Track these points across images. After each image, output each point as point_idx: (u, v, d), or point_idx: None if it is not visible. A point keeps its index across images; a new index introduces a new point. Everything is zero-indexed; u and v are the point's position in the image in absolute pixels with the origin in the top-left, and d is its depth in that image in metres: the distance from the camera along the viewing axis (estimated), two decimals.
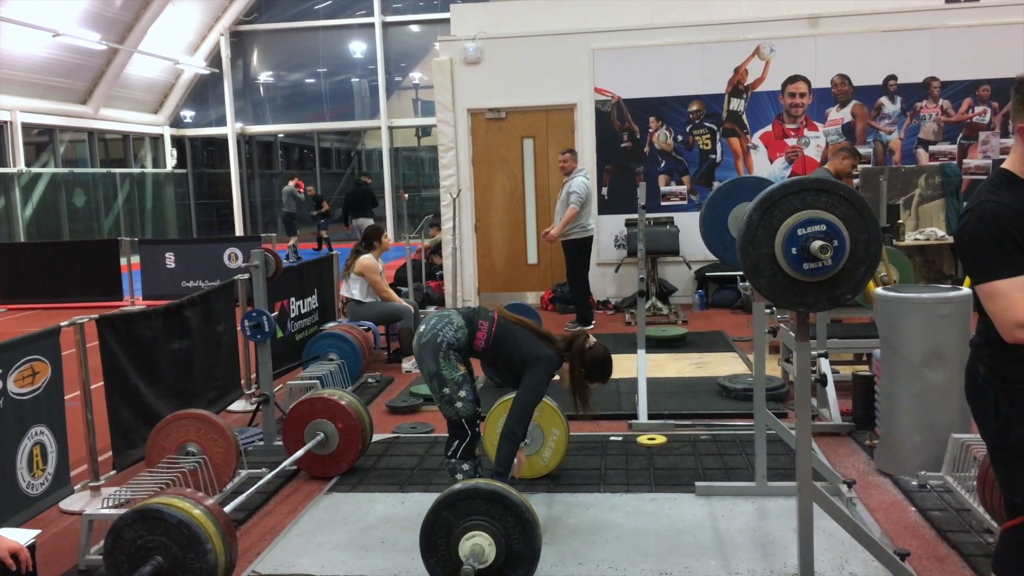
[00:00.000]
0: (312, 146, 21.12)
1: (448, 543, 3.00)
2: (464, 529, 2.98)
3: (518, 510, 2.99)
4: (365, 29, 19.43)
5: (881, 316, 4.18)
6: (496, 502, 2.99)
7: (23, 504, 3.60)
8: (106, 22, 16.40)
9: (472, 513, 2.99)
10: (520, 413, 3.54)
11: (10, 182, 15.74)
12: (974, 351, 2.30)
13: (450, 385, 3.57)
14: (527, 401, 3.57)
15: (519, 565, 2.99)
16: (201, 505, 3.05)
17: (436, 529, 3.02)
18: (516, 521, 2.98)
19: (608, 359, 3.74)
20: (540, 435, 4.19)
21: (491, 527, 2.97)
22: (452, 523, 3.00)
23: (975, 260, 2.16)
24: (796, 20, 9.13)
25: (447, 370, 3.57)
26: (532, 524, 3.00)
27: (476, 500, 3.00)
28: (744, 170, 9.29)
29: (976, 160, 9.05)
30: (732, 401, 5.41)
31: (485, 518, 2.98)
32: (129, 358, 4.44)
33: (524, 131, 9.62)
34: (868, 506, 3.77)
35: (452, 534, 2.99)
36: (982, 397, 2.25)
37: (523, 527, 2.99)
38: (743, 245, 2.67)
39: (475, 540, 2.97)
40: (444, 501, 3.03)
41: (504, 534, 2.97)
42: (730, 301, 9.10)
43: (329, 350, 6.18)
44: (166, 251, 11.29)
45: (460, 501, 3.01)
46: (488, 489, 3.01)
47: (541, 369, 3.60)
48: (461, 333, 3.63)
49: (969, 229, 2.17)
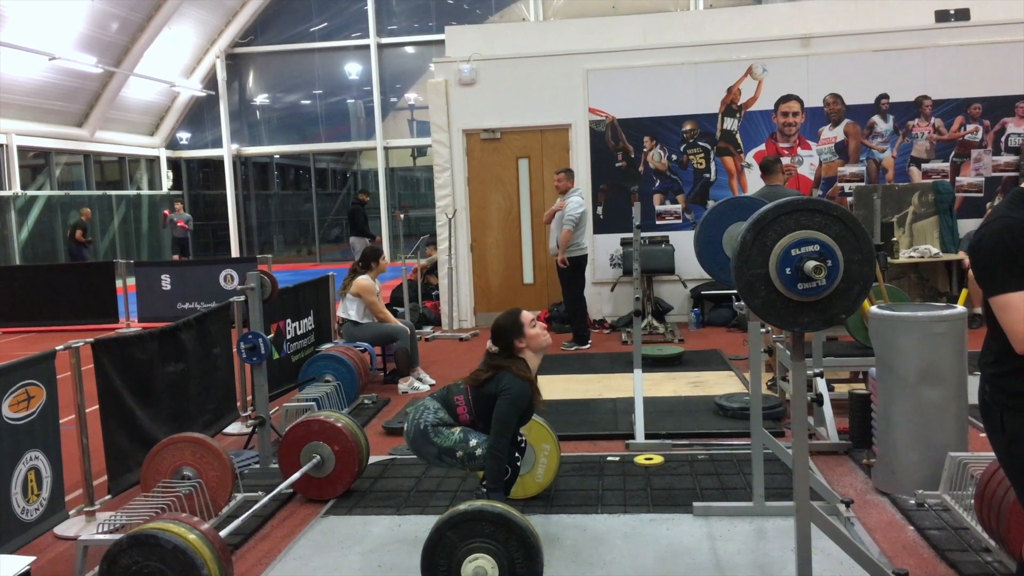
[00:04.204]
0: (308, 167, 21.18)
1: (450, 564, 2.96)
2: (467, 551, 2.95)
3: (524, 534, 2.96)
4: (360, 51, 19.55)
5: (876, 334, 4.19)
6: (502, 525, 2.95)
7: (18, 530, 3.57)
8: (102, 45, 16.49)
9: (477, 535, 2.96)
10: (498, 427, 3.48)
11: (6, 205, 15.74)
12: (983, 370, 2.32)
13: (459, 447, 3.53)
14: (502, 412, 3.49)
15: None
16: (196, 530, 3.04)
17: (439, 549, 2.98)
18: (520, 546, 2.95)
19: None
20: (531, 453, 4.17)
21: (495, 550, 2.94)
22: (455, 544, 2.97)
23: (989, 272, 2.18)
24: (788, 40, 9.20)
25: (444, 441, 3.55)
26: (536, 550, 2.97)
27: (482, 522, 2.96)
28: (738, 189, 9.34)
29: (969, 178, 9.09)
30: (729, 420, 5.41)
31: (490, 541, 2.95)
32: (124, 381, 4.43)
33: (519, 151, 9.66)
34: (866, 526, 3.76)
35: (455, 555, 2.96)
36: (989, 415, 2.28)
37: (527, 552, 2.95)
38: (737, 265, 2.67)
39: (478, 563, 2.93)
40: (449, 521, 2.99)
41: (508, 558, 2.94)
42: (726, 319, 9.11)
43: (325, 371, 6.16)
44: (162, 273, 11.28)
45: (465, 522, 2.98)
46: (494, 512, 2.98)
47: (509, 394, 3.52)
48: (441, 414, 3.62)
49: (985, 243, 2.19)
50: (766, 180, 6.89)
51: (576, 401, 6.12)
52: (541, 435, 4.20)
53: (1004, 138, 9.03)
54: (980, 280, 2.22)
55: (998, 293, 2.15)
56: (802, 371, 2.96)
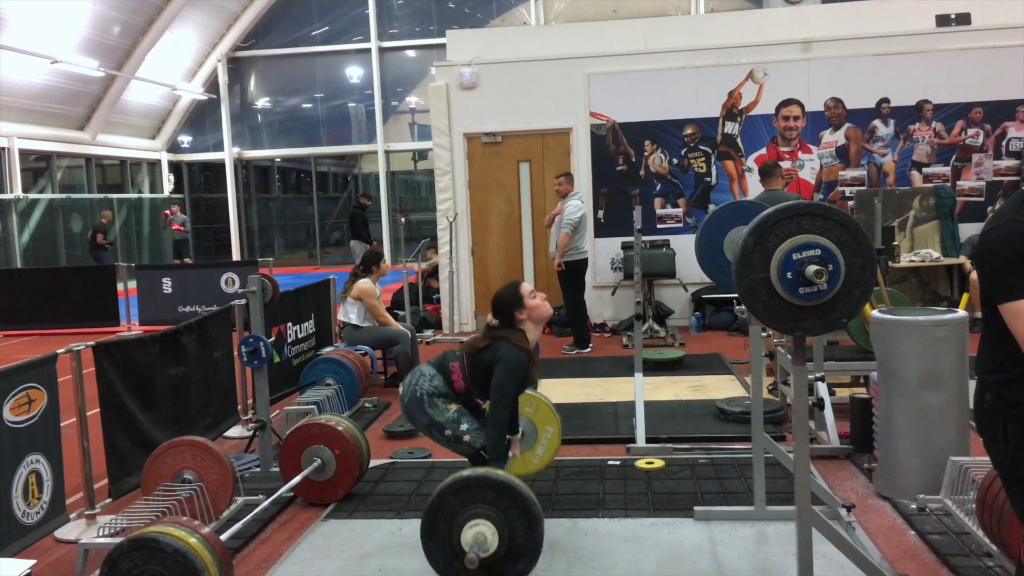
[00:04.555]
0: (309, 170, 21.20)
1: (451, 529, 2.95)
2: (468, 516, 2.93)
3: (526, 504, 2.94)
4: (362, 54, 19.58)
5: (878, 338, 4.18)
6: (504, 493, 2.94)
7: (18, 533, 3.57)
8: (104, 49, 16.51)
9: (479, 501, 2.95)
10: (497, 395, 3.49)
11: (7, 208, 15.76)
12: (981, 378, 2.25)
13: (448, 426, 3.56)
14: (500, 382, 3.50)
15: (519, 558, 2.95)
16: (197, 534, 3.03)
17: (440, 514, 2.97)
18: (522, 514, 2.94)
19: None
20: (533, 432, 4.19)
21: (496, 517, 2.92)
22: (457, 509, 2.95)
23: (1000, 279, 2.11)
24: (789, 44, 9.21)
25: (438, 415, 3.58)
26: (537, 520, 2.96)
27: (485, 489, 2.95)
28: (739, 193, 9.34)
29: (970, 182, 9.10)
30: (730, 424, 5.40)
31: (491, 508, 2.94)
32: (125, 385, 4.42)
33: (520, 155, 9.66)
34: (867, 530, 3.76)
35: (456, 520, 2.94)
36: (990, 424, 2.22)
37: (528, 521, 2.94)
38: (739, 269, 2.68)
39: (478, 529, 2.92)
40: (452, 486, 2.99)
41: (508, 526, 2.92)
42: (727, 323, 9.11)
43: (326, 375, 6.17)
44: (163, 276, 11.28)
45: (468, 488, 2.97)
46: (497, 479, 2.97)
47: (506, 363, 3.53)
48: (437, 380, 3.63)
49: (995, 248, 2.12)
50: (765, 184, 6.93)
51: (577, 405, 6.12)
52: (547, 417, 4.22)
53: (1005, 142, 9.03)
54: (989, 286, 2.15)
55: (1010, 300, 2.08)
56: (803, 375, 2.96)
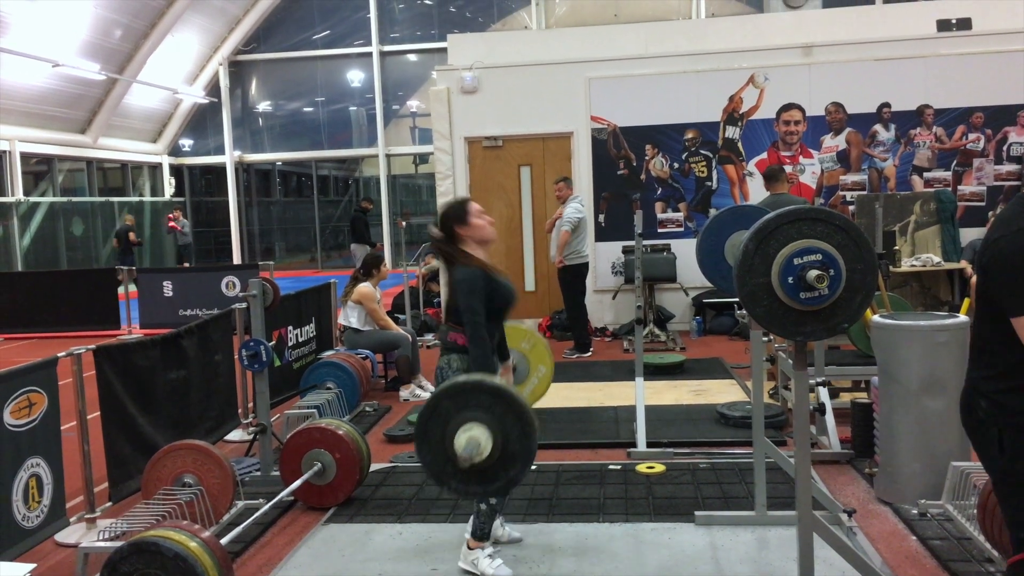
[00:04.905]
0: (310, 174, 21.21)
1: (444, 432, 2.92)
2: (462, 420, 2.91)
3: (520, 410, 2.92)
4: (363, 58, 19.61)
5: (878, 343, 4.18)
6: (500, 398, 2.92)
7: (18, 537, 3.57)
8: (106, 52, 16.54)
9: (473, 406, 2.92)
10: (467, 316, 3.39)
11: (8, 211, 15.77)
12: (974, 385, 2.23)
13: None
14: (463, 304, 3.41)
15: (512, 465, 2.93)
16: (197, 538, 3.03)
17: (434, 417, 2.94)
18: (516, 421, 2.91)
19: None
20: (526, 368, 4.18)
21: (490, 422, 2.90)
22: (451, 413, 2.92)
23: (1013, 289, 2.05)
24: (790, 49, 9.21)
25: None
26: (531, 426, 2.93)
27: (480, 393, 2.93)
28: (740, 197, 9.34)
29: (971, 187, 9.10)
30: (731, 429, 5.40)
31: (486, 412, 2.91)
32: (126, 388, 4.43)
33: (521, 159, 9.67)
34: (869, 535, 3.75)
35: (449, 424, 2.91)
36: (984, 432, 2.20)
37: (523, 427, 2.92)
38: (740, 274, 2.68)
39: (472, 433, 2.89)
40: (447, 391, 2.96)
41: (502, 431, 2.90)
42: (728, 327, 9.11)
43: (327, 379, 6.17)
44: (164, 280, 11.28)
45: (463, 392, 2.94)
46: (494, 384, 2.95)
47: (461, 285, 3.45)
48: (455, 362, 3.50)
49: (1008, 258, 2.06)
50: (770, 189, 6.91)
51: (577, 409, 6.12)
52: (542, 356, 4.24)
53: (1006, 147, 9.03)
54: (1001, 296, 2.09)
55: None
56: (804, 380, 2.95)
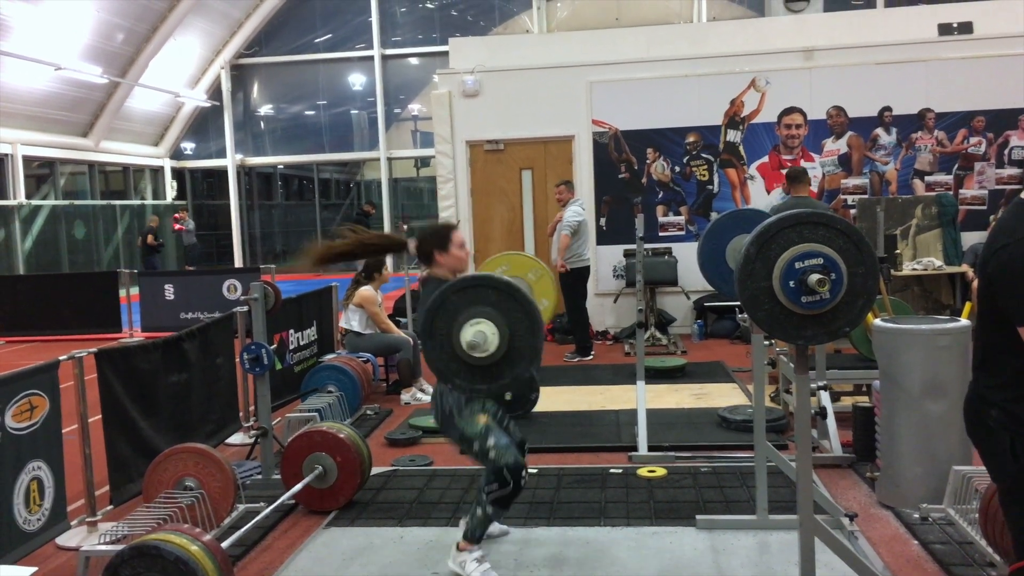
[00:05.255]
0: (312, 177, 21.23)
1: (451, 328, 2.94)
2: (470, 315, 2.93)
3: (528, 307, 2.95)
4: (364, 62, 19.62)
5: (880, 347, 4.18)
6: (507, 295, 2.95)
7: (19, 540, 3.58)
8: (108, 56, 16.56)
9: (481, 302, 2.95)
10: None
11: (10, 214, 15.79)
12: (982, 393, 2.20)
13: (477, 440, 3.42)
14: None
15: (518, 362, 2.96)
16: (198, 541, 3.03)
17: (441, 312, 2.96)
18: (524, 317, 2.94)
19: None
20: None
21: (497, 318, 2.92)
22: (459, 308, 2.94)
23: (1021, 298, 2.02)
24: (791, 53, 9.22)
25: (468, 428, 3.44)
26: (539, 324, 2.97)
27: (488, 289, 2.96)
28: (741, 201, 9.34)
29: (972, 190, 9.09)
30: (732, 432, 5.39)
31: (493, 308, 2.93)
32: (127, 391, 4.43)
33: (522, 163, 9.67)
34: (870, 539, 3.75)
35: (457, 319, 2.93)
36: (995, 440, 2.16)
37: (530, 324, 2.95)
38: (741, 278, 2.68)
39: (479, 328, 2.91)
40: (455, 285, 2.99)
41: (509, 327, 2.92)
42: (729, 331, 9.10)
43: (328, 382, 6.16)
44: (165, 283, 11.29)
45: (472, 288, 2.97)
46: (501, 280, 2.98)
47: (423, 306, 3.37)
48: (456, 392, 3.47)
49: (1014, 265, 2.03)
50: (793, 191, 6.81)
51: (579, 413, 6.11)
52: (546, 290, 4.27)
53: (1007, 151, 9.03)
54: (1007, 303, 2.06)
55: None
56: (806, 384, 2.95)
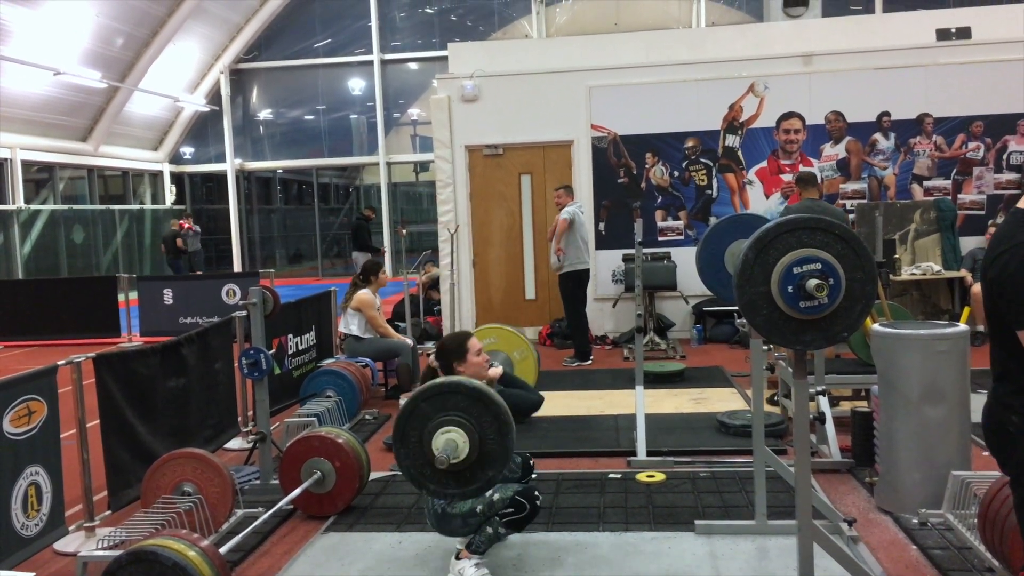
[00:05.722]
0: (311, 181, 21.24)
1: (422, 435, 2.98)
2: (440, 423, 2.97)
3: (497, 410, 2.99)
4: (364, 67, 19.64)
5: (879, 352, 4.18)
6: (476, 400, 2.99)
7: (17, 545, 3.57)
8: (107, 60, 16.57)
9: (450, 408, 2.99)
10: None
11: (9, 219, 15.78)
12: (1003, 399, 2.15)
13: (477, 503, 3.36)
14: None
15: (491, 465, 3.00)
16: (196, 547, 3.03)
17: (412, 420, 3.01)
18: (493, 421, 2.99)
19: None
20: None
21: (467, 424, 2.97)
22: (429, 415, 2.99)
23: (1021, 302, 2.01)
24: (790, 58, 9.23)
25: (462, 508, 3.38)
26: (508, 426, 3.01)
27: (457, 395, 3.00)
28: (740, 205, 9.35)
29: (971, 195, 9.11)
30: (731, 437, 5.39)
31: (463, 415, 2.98)
32: (126, 396, 4.42)
33: (522, 167, 9.68)
34: (869, 545, 3.74)
35: (427, 427, 2.97)
36: (1013, 447, 2.12)
37: (499, 428, 2.99)
38: (739, 283, 2.68)
39: (450, 435, 2.95)
40: (424, 393, 3.03)
41: (479, 432, 2.96)
42: (728, 336, 9.10)
43: (327, 387, 6.15)
44: (164, 287, 11.29)
45: (440, 395, 3.01)
46: (471, 385, 3.03)
47: None
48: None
49: (1013, 269, 2.02)
50: (804, 194, 6.91)
51: (577, 417, 6.11)
52: (528, 371, 4.88)
53: (1006, 156, 9.04)
54: (1008, 308, 2.05)
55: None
56: (804, 389, 2.95)
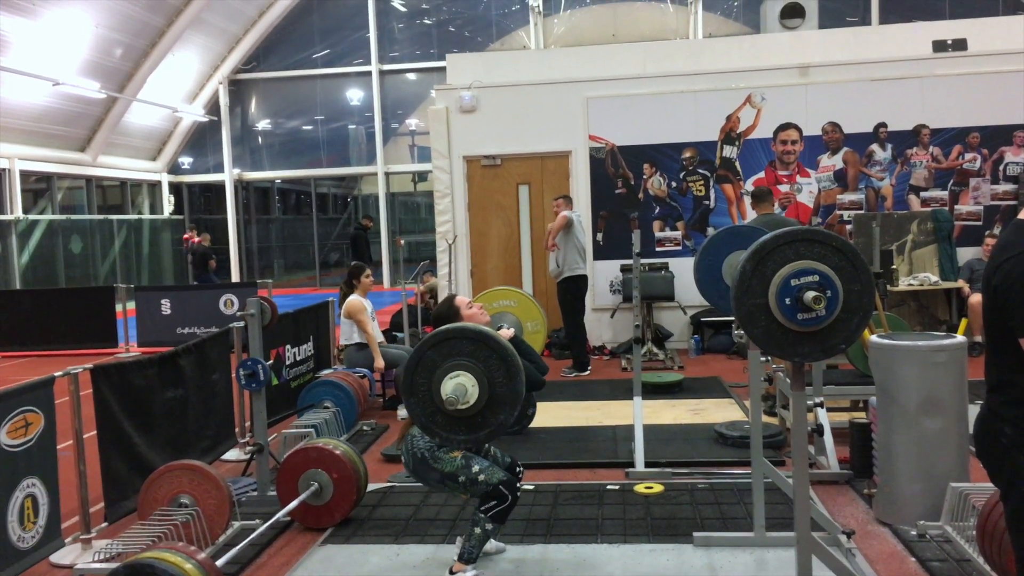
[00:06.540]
0: (309, 192, 21.26)
1: (430, 382, 2.96)
2: (448, 369, 2.95)
3: (504, 353, 2.96)
4: (362, 77, 19.69)
5: (877, 363, 4.18)
6: (482, 343, 2.96)
7: (13, 558, 3.55)
8: (106, 71, 16.60)
9: (457, 354, 2.96)
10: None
11: (7, 229, 15.77)
12: (996, 409, 2.15)
13: (461, 472, 3.45)
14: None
15: (500, 409, 2.97)
16: (193, 559, 3.01)
17: (420, 368, 2.98)
18: (501, 363, 2.95)
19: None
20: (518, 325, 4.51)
21: (475, 368, 2.94)
22: (436, 362, 2.96)
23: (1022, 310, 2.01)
24: (787, 69, 9.27)
25: (447, 467, 3.46)
26: (517, 368, 2.97)
27: (463, 340, 2.98)
28: (738, 216, 9.36)
29: (968, 206, 9.13)
30: (729, 449, 5.38)
31: (470, 359, 2.95)
32: (123, 408, 4.41)
33: (519, 178, 9.70)
34: (868, 556, 3.73)
35: (435, 373, 2.95)
36: (1008, 458, 2.12)
37: (507, 370, 2.96)
38: (737, 295, 2.68)
39: (458, 380, 2.93)
40: (430, 340, 3.01)
41: (488, 376, 2.94)
42: (726, 346, 9.10)
43: (324, 398, 6.14)
44: (162, 298, 11.27)
45: (446, 340, 2.99)
46: (475, 330, 3.01)
47: None
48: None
49: (1015, 277, 2.02)
50: (758, 209, 7.07)
51: (575, 428, 6.10)
52: (529, 311, 4.63)
53: (1002, 167, 9.07)
54: (1011, 315, 2.04)
55: None
56: (802, 400, 2.95)
